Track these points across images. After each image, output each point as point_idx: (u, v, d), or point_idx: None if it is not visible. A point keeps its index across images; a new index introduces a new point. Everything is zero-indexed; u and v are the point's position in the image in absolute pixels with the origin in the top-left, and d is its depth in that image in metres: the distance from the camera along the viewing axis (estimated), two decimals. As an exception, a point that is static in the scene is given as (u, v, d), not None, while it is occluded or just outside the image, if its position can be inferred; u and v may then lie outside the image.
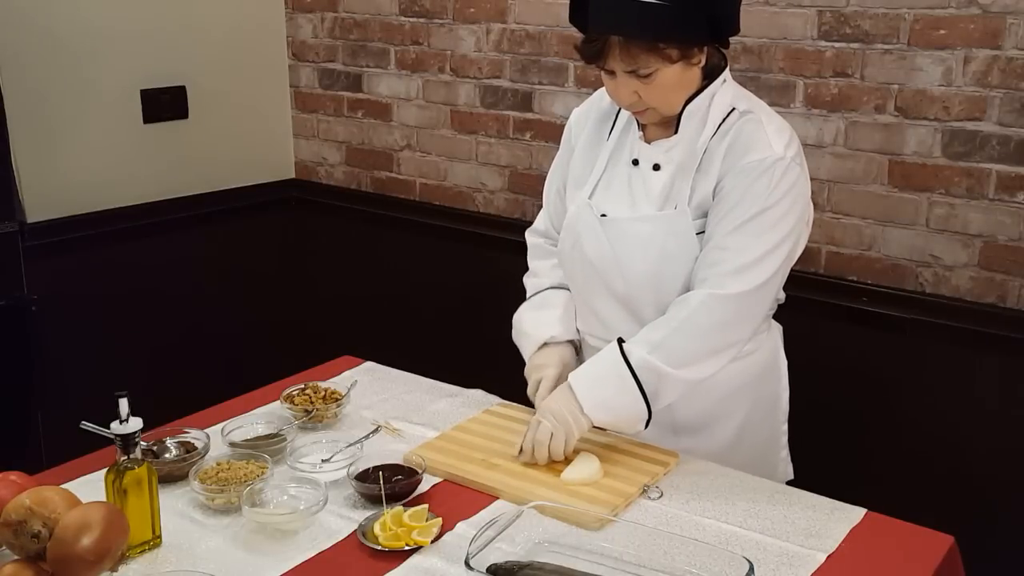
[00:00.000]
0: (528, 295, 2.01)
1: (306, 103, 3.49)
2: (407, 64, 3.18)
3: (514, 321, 1.99)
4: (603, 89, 1.86)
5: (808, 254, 2.52)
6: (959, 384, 2.34)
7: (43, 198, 2.86)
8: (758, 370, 1.89)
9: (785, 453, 2.01)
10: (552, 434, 1.69)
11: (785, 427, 2.01)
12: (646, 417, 1.72)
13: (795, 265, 2.56)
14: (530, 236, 2.08)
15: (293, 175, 3.58)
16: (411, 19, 3.14)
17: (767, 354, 1.92)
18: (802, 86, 2.45)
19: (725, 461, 1.81)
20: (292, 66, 3.49)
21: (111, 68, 2.98)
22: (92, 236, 2.97)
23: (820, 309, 2.49)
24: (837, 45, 2.39)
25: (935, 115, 2.29)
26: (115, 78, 3.00)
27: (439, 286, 3.19)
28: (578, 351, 1.95)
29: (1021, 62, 2.17)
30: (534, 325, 1.93)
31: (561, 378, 1.84)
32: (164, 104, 3.13)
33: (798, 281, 2.52)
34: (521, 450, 1.73)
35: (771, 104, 2.49)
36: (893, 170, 2.37)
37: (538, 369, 1.87)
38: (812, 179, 2.49)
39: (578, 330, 1.94)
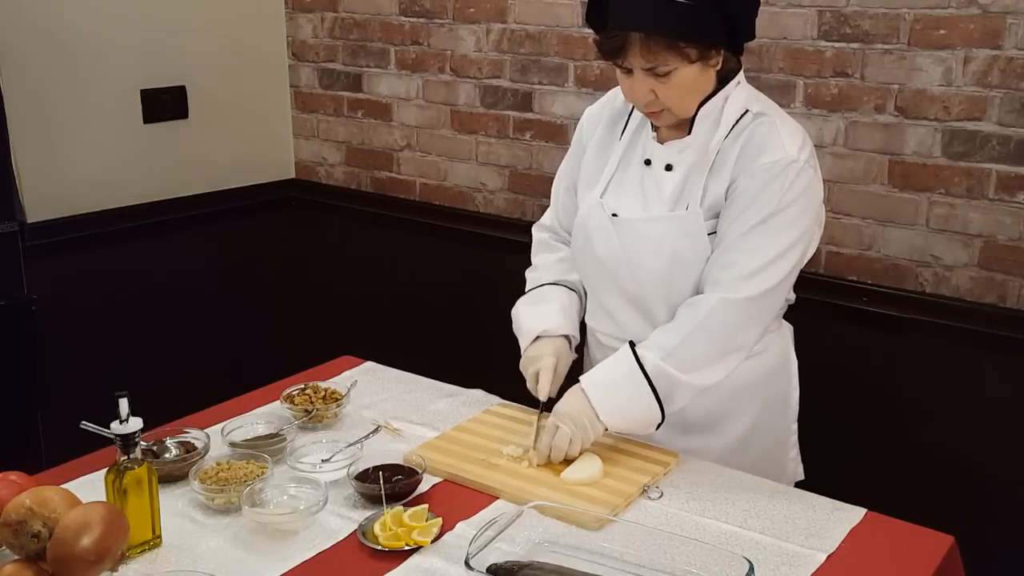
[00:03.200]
0: (527, 289, 2.02)
1: (306, 103, 3.49)
2: (407, 64, 3.18)
3: (512, 315, 1.99)
4: (617, 89, 1.86)
5: (808, 254, 2.52)
6: (959, 384, 2.34)
7: (43, 198, 2.86)
8: (768, 370, 1.89)
9: (795, 453, 2.01)
10: (571, 440, 1.70)
11: (795, 427, 2.00)
12: (659, 421, 1.73)
13: (795, 265, 2.56)
14: (536, 231, 2.09)
15: (293, 175, 3.58)
16: (411, 19, 3.14)
17: (777, 354, 1.92)
18: (802, 86, 2.45)
19: (735, 460, 1.82)
20: (292, 66, 3.49)
21: (111, 68, 2.98)
22: (92, 236, 2.97)
23: (820, 309, 2.48)
24: (837, 45, 2.39)
25: (935, 115, 2.29)
26: (115, 78, 3.00)
27: (439, 286, 3.19)
28: (571, 345, 1.94)
29: (1021, 62, 2.17)
30: (529, 319, 1.93)
31: (558, 367, 1.86)
32: (164, 104, 3.13)
33: (798, 281, 2.52)
34: (533, 452, 1.73)
35: (771, 104, 2.50)
36: (893, 170, 2.37)
37: (533, 361, 1.87)
38: (812, 179, 2.50)
39: (587, 326, 1.95)
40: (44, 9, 2.81)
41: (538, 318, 1.92)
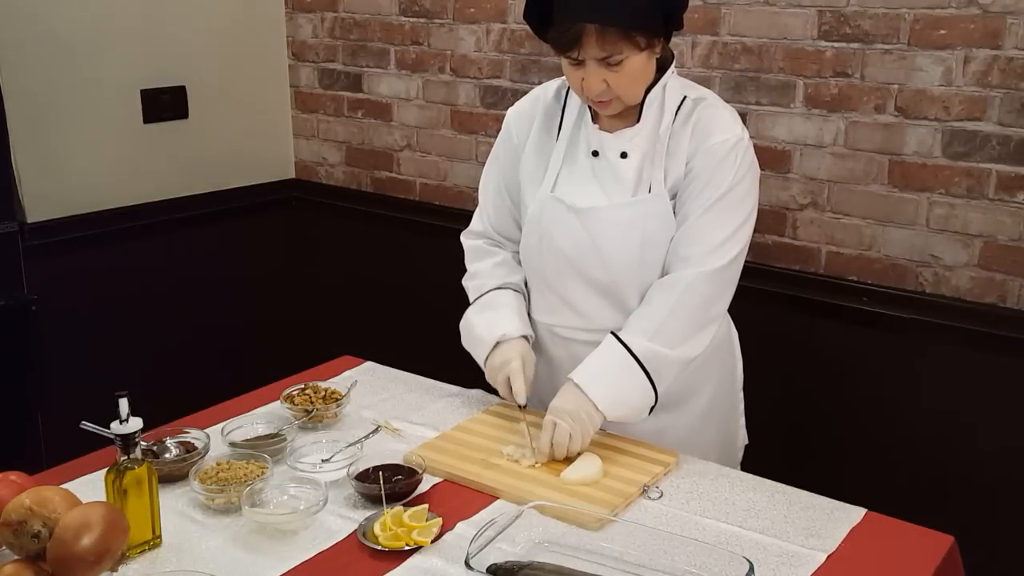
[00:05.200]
0: (472, 298, 2.01)
1: (306, 103, 3.49)
2: (407, 64, 3.18)
3: (462, 327, 1.99)
4: (544, 86, 1.96)
5: (808, 254, 2.53)
6: (959, 384, 2.34)
7: (43, 198, 2.86)
8: (719, 341, 1.94)
9: (743, 420, 2.09)
10: (571, 435, 1.71)
11: (741, 395, 2.07)
12: (653, 404, 1.77)
13: (795, 265, 2.57)
14: (466, 239, 2.08)
15: (293, 175, 3.58)
16: (411, 19, 3.14)
17: (724, 326, 1.98)
18: (802, 86, 2.45)
19: (700, 432, 1.91)
20: (292, 66, 3.49)
21: (111, 68, 2.98)
22: (92, 236, 2.97)
23: (820, 309, 2.49)
24: (837, 45, 2.39)
25: (935, 115, 2.29)
26: (115, 78, 3.00)
27: (439, 286, 3.17)
28: (533, 347, 1.95)
29: (1021, 62, 2.17)
30: (486, 327, 1.92)
31: (527, 370, 1.86)
32: (164, 104, 3.13)
33: (798, 281, 2.53)
34: (534, 451, 1.74)
35: (771, 104, 2.51)
36: (893, 170, 2.37)
37: (501, 367, 1.87)
38: (812, 179, 2.52)
39: (537, 323, 1.95)
40: (44, 9, 2.81)
41: (494, 324, 1.92)
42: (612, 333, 1.78)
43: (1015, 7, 2.15)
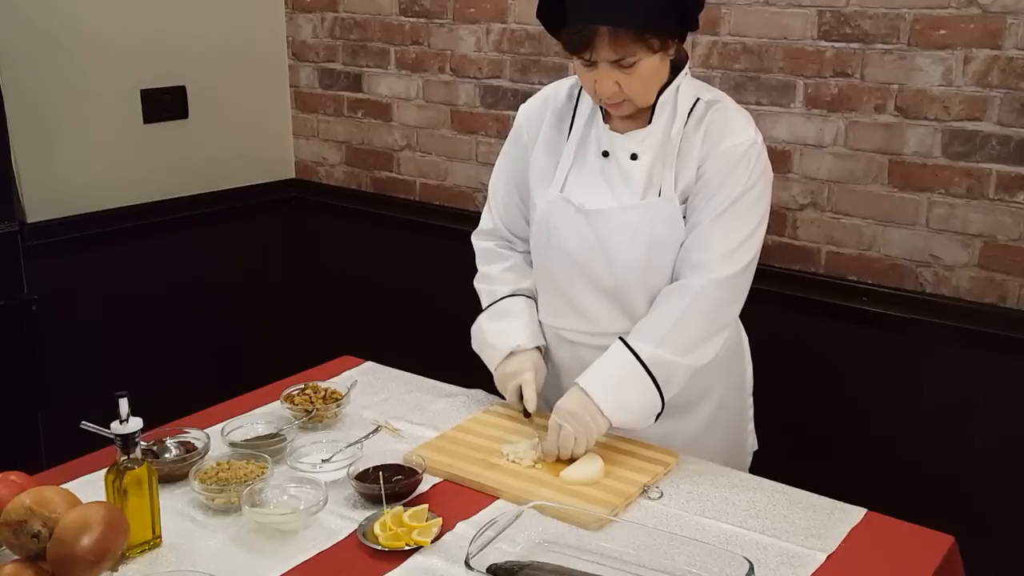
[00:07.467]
0: (484, 304, 2.00)
1: (306, 103, 3.49)
2: (407, 64, 3.18)
3: (474, 332, 1.99)
4: (555, 85, 1.95)
5: (808, 254, 2.53)
6: (959, 384, 2.34)
7: (43, 198, 2.86)
8: (729, 346, 1.93)
9: (752, 425, 2.07)
10: (575, 438, 1.71)
11: (751, 400, 2.06)
12: (659, 411, 1.76)
13: (795, 265, 2.57)
14: (477, 240, 2.08)
15: (293, 175, 3.58)
16: (411, 19, 3.14)
17: (734, 331, 1.97)
18: (802, 86, 2.45)
19: (707, 437, 1.89)
20: (292, 66, 3.49)
21: (111, 68, 2.98)
22: (92, 236, 2.97)
23: (820, 309, 2.49)
24: (837, 45, 2.39)
25: (935, 115, 2.29)
26: (115, 78, 3.00)
27: (439, 286, 3.19)
28: (543, 356, 1.95)
29: (1021, 62, 2.17)
30: (498, 336, 1.93)
31: (538, 380, 1.86)
32: (164, 104, 3.13)
33: (798, 281, 2.53)
34: (539, 453, 1.74)
35: (771, 104, 2.51)
36: (893, 170, 2.37)
37: (513, 376, 1.88)
38: (812, 179, 2.52)
39: (543, 325, 1.95)
40: (44, 9, 2.81)
41: (507, 333, 1.92)
42: (620, 338, 1.76)
43: (1015, 7, 2.15)
